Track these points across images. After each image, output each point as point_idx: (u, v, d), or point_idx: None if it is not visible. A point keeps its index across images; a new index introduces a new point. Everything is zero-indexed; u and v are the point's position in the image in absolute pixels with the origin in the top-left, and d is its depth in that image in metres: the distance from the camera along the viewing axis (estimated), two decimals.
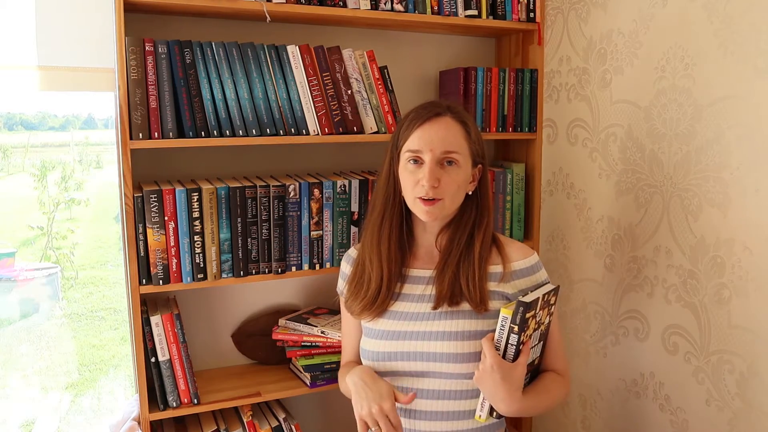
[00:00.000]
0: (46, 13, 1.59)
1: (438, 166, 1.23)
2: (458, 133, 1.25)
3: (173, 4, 1.53)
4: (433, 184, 1.22)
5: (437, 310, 1.26)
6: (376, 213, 1.33)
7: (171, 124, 1.51)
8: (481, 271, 1.26)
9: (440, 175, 1.23)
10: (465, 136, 1.26)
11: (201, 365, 1.83)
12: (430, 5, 1.76)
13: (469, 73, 1.86)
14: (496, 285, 1.28)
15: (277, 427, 1.70)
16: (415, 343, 1.25)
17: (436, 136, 1.23)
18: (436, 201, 1.24)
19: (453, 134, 1.24)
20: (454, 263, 1.27)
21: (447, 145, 1.23)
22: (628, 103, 1.66)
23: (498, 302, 1.26)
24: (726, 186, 1.40)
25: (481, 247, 1.27)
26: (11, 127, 4.17)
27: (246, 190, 1.59)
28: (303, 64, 1.64)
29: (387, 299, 1.30)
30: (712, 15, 1.42)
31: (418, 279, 1.32)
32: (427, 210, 1.24)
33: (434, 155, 1.23)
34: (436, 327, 1.25)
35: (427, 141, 1.23)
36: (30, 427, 2.97)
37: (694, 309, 1.49)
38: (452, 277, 1.26)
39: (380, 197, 1.33)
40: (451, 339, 1.23)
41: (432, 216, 1.25)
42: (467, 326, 1.23)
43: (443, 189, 1.23)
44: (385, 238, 1.31)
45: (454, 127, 1.25)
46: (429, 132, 1.23)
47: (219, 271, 1.59)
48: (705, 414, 1.48)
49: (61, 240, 4.07)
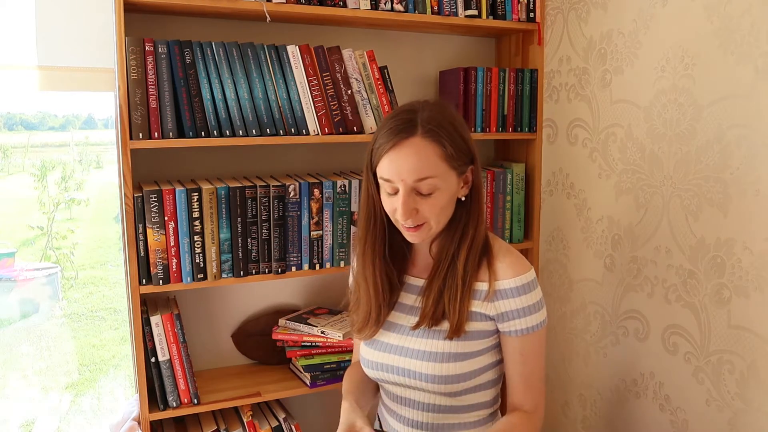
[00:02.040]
0: (46, 13, 1.59)
1: (414, 194, 1.14)
2: (431, 155, 1.13)
3: (173, 4, 1.53)
4: (409, 216, 1.15)
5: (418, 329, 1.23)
6: (360, 235, 1.27)
7: (171, 124, 1.51)
8: (464, 291, 1.20)
9: (417, 204, 1.15)
10: (440, 153, 1.14)
11: (201, 365, 1.83)
12: (430, 5, 1.76)
13: (469, 73, 1.86)
14: (479, 304, 1.21)
15: (277, 427, 1.70)
16: (396, 357, 1.23)
17: (406, 164, 1.12)
18: (419, 227, 1.18)
19: (425, 158, 1.13)
20: (441, 277, 1.22)
21: (419, 173, 1.12)
22: (628, 103, 1.66)
23: (479, 322, 1.20)
24: (726, 186, 1.40)
25: (466, 262, 1.20)
26: (11, 127, 4.17)
27: (246, 190, 1.59)
28: (303, 64, 1.64)
29: (379, 324, 1.26)
30: (712, 15, 1.42)
31: (413, 288, 1.29)
32: (412, 235, 1.19)
33: (406, 185, 1.13)
34: (415, 345, 1.21)
35: (397, 171, 1.13)
36: (30, 427, 2.97)
37: (694, 309, 1.49)
38: (437, 294, 1.21)
39: (361, 221, 1.26)
40: (427, 359, 1.19)
41: (419, 239, 1.20)
42: (444, 347, 1.19)
43: (423, 215, 1.16)
44: (369, 263, 1.25)
45: (425, 148, 1.13)
46: (398, 160, 1.13)
47: (219, 271, 1.59)
48: (705, 414, 1.48)
49: (61, 240, 4.07)
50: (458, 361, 1.19)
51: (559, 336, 1.97)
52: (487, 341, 1.23)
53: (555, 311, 1.98)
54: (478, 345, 1.21)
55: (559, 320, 1.97)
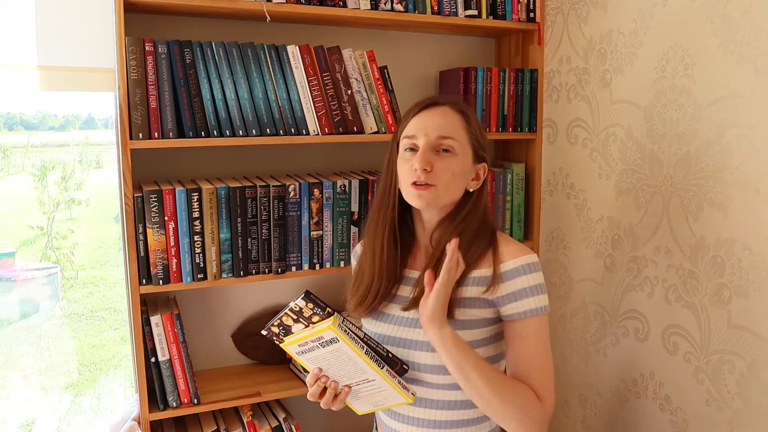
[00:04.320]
0: (46, 13, 1.59)
1: (432, 152, 1.20)
2: (456, 121, 1.23)
3: (173, 4, 1.53)
4: (425, 167, 1.18)
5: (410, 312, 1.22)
6: (374, 206, 1.31)
7: (171, 124, 1.51)
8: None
9: (434, 161, 1.19)
10: (463, 125, 1.23)
11: (201, 365, 1.83)
12: (430, 5, 1.76)
13: (469, 73, 1.86)
14: (479, 290, 1.20)
15: (277, 427, 1.70)
16: (394, 349, 1.21)
17: (432, 121, 1.22)
18: (428, 186, 1.19)
19: (450, 121, 1.22)
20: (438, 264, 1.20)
21: (442, 131, 1.21)
22: (628, 103, 1.66)
23: (478, 309, 1.19)
24: (726, 186, 1.40)
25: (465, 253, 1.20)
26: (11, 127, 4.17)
27: (246, 190, 1.59)
28: (303, 64, 1.64)
29: (378, 298, 1.26)
30: (712, 15, 1.42)
31: (411, 281, 1.28)
32: (419, 194, 1.20)
33: (429, 140, 1.20)
34: (414, 335, 1.21)
35: (423, 126, 1.22)
36: (30, 427, 2.97)
37: (694, 309, 1.49)
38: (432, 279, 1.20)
39: (379, 191, 1.31)
40: (424, 349, 1.18)
41: (424, 201, 1.20)
42: None
43: (436, 175, 1.19)
44: (380, 233, 1.27)
45: (452, 115, 1.23)
46: (425, 118, 1.23)
47: (219, 271, 1.59)
48: (705, 414, 1.48)
49: (61, 240, 4.07)
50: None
51: (559, 336, 1.97)
52: (488, 330, 1.21)
53: (555, 311, 1.98)
54: (478, 334, 1.20)
55: (559, 320, 1.97)
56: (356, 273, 1.33)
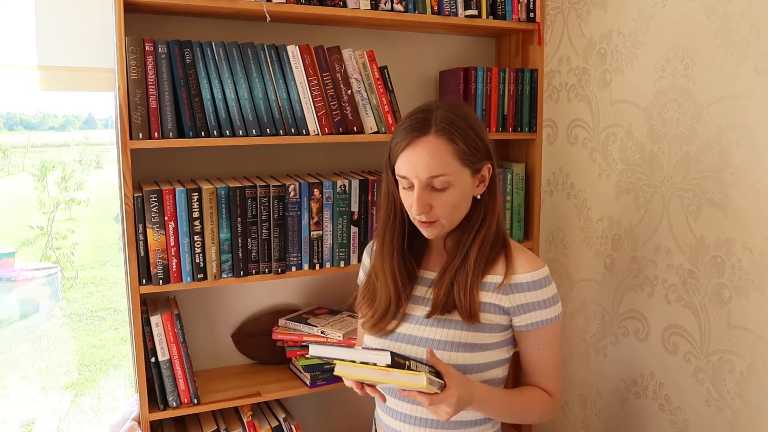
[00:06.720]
0: (46, 13, 1.59)
1: (428, 190, 1.19)
2: (444, 153, 1.17)
3: (173, 4, 1.53)
4: (424, 211, 1.20)
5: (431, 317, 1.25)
6: (379, 231, 1.32)
7: (171, 124, 1.51)
8: (473, 280, 1.23)
9: (431, 200, 1.19)
10: (452, 152, 1.18)
11: (201, 365, 1.83)
12: (430, 5, 1.76)
13: (469, 73, 1.86)
14: (493, 296, 1.23)
15: (277, 427, 1.70)
16: (407, 346, 1.24)
17: (420, 160, 1.17)
18: (432, 223, 1.22)
19: (437, 156, 1.17)
20: (453, 270, 1.25)
21: (431, 170, 1.17)
22: (628, 103, 1.66)
23: (493, 314, 1.23)
24: (726, 186, 1.40)
25: (478, 255, 1.24)
26: (11, 127, 4.17)
27: (246, 190, 1.59)
28: (303, 64, 1.64)
29: (396, 318, 1.28)
30: (712, 15, 1.42)
31: (425, 281, 1.31)
32: (426, 230, 1.24)
33: (421, 182, 1.18)
34: (427, 334, 1.23)
35: (412, 168, 1.18)
36: (30, 427, 2.97)
37: (694, 309, 1.49)
38: (448, 285, 1.24)
39: (381, 217, 1.31)
40: (441, 348, 1.21)
41: (432, 234, 1.25)
42: (458, 337, 1.21)
43: (436, 212, 1.20)
44: (388, 258, 1.29)
45: (439, 146, 1.17)
46: (413, 158, 1.18)
47: (219, 271, 1.59)
48: (705, 414, 1.48)
49: (61, 240, 4.06)
50: (470, 351, 1.21)
51: None
52: (499, 335, 1.24)
53: None
54: (490, 338, 1.23)
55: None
56: (368, 290, 1.34)
